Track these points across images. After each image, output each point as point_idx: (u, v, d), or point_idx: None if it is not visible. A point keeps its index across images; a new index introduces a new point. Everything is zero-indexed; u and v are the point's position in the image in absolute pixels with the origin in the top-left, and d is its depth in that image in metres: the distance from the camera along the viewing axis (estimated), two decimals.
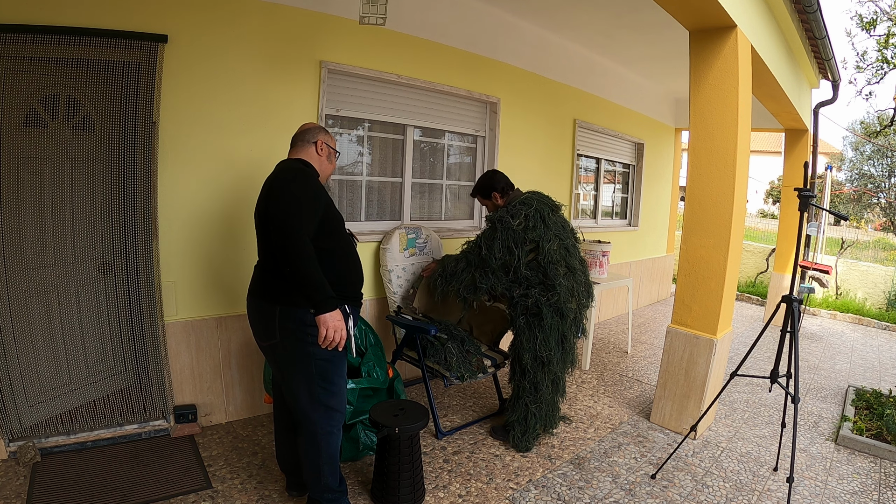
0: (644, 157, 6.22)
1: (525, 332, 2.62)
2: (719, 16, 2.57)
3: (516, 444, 2.70)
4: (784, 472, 2.61)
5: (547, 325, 2.57)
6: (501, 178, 2.84)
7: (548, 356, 2.60)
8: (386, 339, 3.32)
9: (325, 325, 1.71)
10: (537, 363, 2.62)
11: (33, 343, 2.41)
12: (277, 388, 2.10)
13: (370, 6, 2.52)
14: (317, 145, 1.98)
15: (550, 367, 2.63)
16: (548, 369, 2.63)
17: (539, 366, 2.62)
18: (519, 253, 2.57)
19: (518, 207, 2.64)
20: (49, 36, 2.11)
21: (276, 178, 1.82)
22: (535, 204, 2.65)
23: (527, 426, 2.68)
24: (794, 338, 2.28)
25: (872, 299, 7.02)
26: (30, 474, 2.18)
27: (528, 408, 2.67)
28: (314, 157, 1.98)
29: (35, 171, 2.35)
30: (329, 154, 2.04)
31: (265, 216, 1.80)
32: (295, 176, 1.81)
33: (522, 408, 2.68)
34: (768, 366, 3.60)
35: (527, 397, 2.67)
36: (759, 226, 14.25)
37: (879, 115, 11.52)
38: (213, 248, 2.69)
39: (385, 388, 2.63)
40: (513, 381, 2.75)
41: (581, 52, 4.73)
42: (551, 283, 2.55)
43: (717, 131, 2.77)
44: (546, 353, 2.60)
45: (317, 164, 1.97)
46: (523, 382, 2.67)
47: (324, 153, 2.00)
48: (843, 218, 2.46)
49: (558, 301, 2.55)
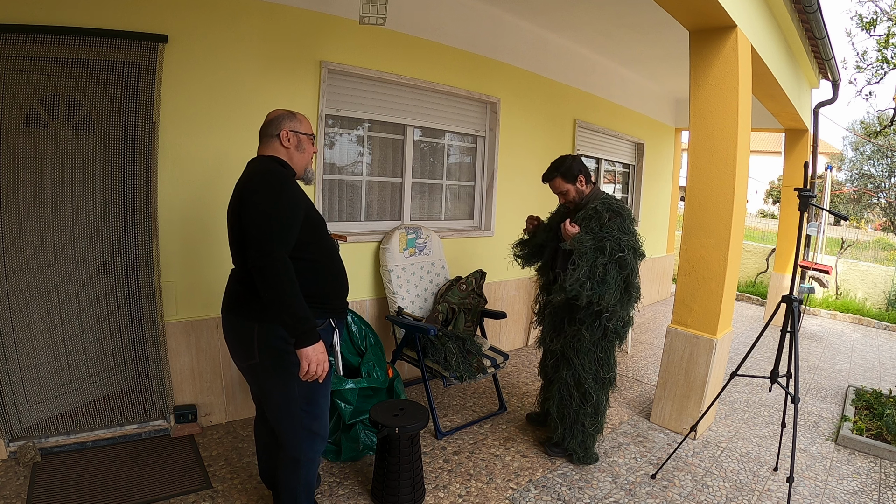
0: (644, 157, 6.22)
1: (588, 353, 2.38)
2: (719, 16, 2.57)
3: (580, 461, 2.57)
4: (784, 472, 2.61)
5: (611, 344, 2.39)
6: (580, 162, 2.49)
7: (611, 376, 2.44)
8: (386, 339, 3.32)
9: (308, 360, 1.57)
10: (598, 386, 2.44)
11: (33, 343, 2.41)
12: (259, 404, 1.97)
13: (370, 6, 2.52)
14: (281, 137, 1.74)
15: (612, 385, 2.49)
16: (609, 389, 2.49)
17: (600, 388, 2.45)
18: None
19: (620, 203, 2.37)
20: (49, 36, 2.11)
21: (244, 186, 1.64)
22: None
23: (587, 444, 2.54)
24: (794, 338, 2.28)
25: (872, 299, 7.02)
26: (30, 474, 2.18)
27: (587, 430, 2.50)
28: (282, 151, 1.76)
29: (35, 171, 2.35)
30: (299, 142, 1.78)
31: (238, 226, 1.64)
32: (265, 183, 1.61)
33: (580, 432, 2.51)
34: (768, 366, 3.59)
35: (587, 420, 2.48)
36: (759, 226, 14.25)
37: (879, 115, 11.52)
38: (214, 248, 2.69)
39: (385, 388, 2.63)
40: (564, 409, 2.50)
41: (581, 52, 4.73)
42: (633, 295, 2.30)
43: (717, 131, 2.77)
44: (609, 374, 2.43)
45: (287, 158, 1.76)
46: (584, 408, 2.45)
47: (292, 143, 1.76)
48: (843, 218, 2.46)
49: (629, 319, 2.36)
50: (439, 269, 3.51)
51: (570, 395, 2.48)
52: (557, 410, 2.54)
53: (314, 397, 1.76)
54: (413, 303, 3.28)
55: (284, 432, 1.76)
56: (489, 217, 4.13)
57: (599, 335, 2.35)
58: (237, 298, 1.73)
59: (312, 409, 1.76)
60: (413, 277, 3.34)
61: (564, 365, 2.48)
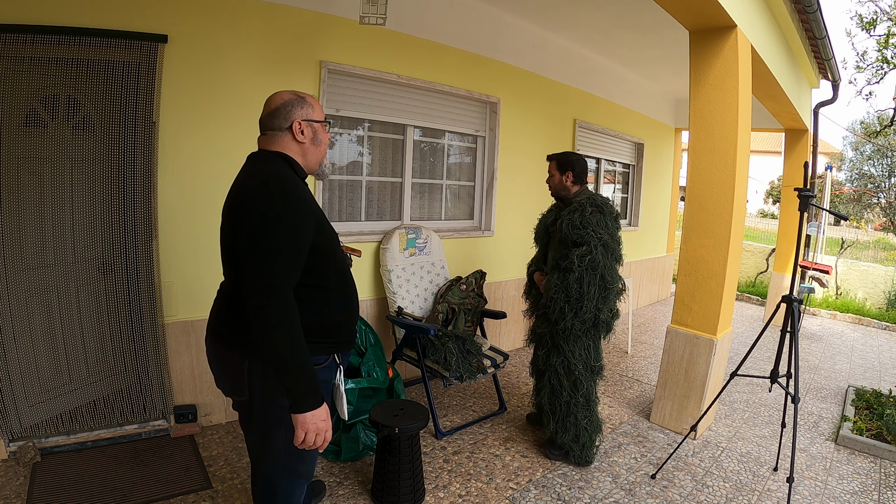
0: (644, 157, 6.22)
1: (579, 341, 2.44)
2: (719, 16, 2.57)
3: (579, 461, 2.57)
4: (784, 472, 2.61)
5: (598, 333, 2.45)
6: (582, 165, 2.56)
7: (599, 365, 2.50)
8: (386, 339, 3.32)
9: (305, 428, 1.28)
10: (588, 373, 2.48)
11: (33, 343, 2.41)
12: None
13: (370, 6, 2.52)
14: (294, 130, 1.41)
15: (600, 374, 2.53)
16: (597, 378, 2.52)
17: (590, 376, 2.49)
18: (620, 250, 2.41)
19: (605, 200, 2.46)
20: (49, 36, 2.11)
21: (243, 193, 1.31)
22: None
23: (582, 441, 2.53)
24: (794, 338, 2.28)
25: (872, 299, 7.02)
26: (30, 474, 2.18)
27: (580, 422, 2.50)
28: (294, 147, 1.43)
29: (35, 171, 2.35)
30: (314, 134, 1.45)
31: (232, 243, 1.33)
32: (268, 193, 1.28)
33: (573, 425, 2.51)
34: (768, 366, 3.60)
35: (579, 412, 2.49)
36: (759, 226, 14.26)
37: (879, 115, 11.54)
38: (213, 248, 2.65)
39: (385, 388, 2.63)
40: (555, 400, 2.53)
41: (581, 52, 4.73)
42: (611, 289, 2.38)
43: (717, 131, 2.77)
44: (598, 363, 2.49)
45: (300, 156, 1.44)
46: (575, 397, 2.48)
47: (307, 136, 1.43)
48: (843, 218, 2.46)
49: (612, 307, 2.42)
50: (439, 270, 3.51)
51: (560, 384, 2.50)
52: (549, 402, 2.56)
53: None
54: (413, 303, 3.28)
55: (264, 473, 1.50)
56: (489, 217, 4.13)
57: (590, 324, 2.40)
58: (225, 324, 1.42)
59: (304, 454, 1.46)
60: (413, 277, 3.34)
61: (554, 353, 2.51)
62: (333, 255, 1.45)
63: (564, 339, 2.45)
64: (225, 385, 1.49)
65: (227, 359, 1.42)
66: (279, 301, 1.24)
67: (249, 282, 1.26)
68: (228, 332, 1.41)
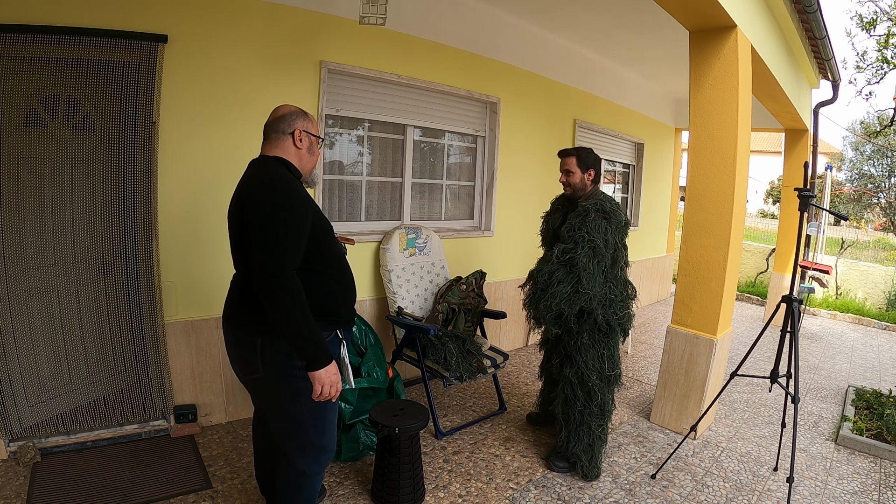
0: (644, 157, 6.23)
1: (590, 350, 2.37)
2: (719, 16, 2.57)
3: (586, 474, 2.46)
4: (784, 472, 2.61)
5: (613, 341, 2.39)
6: (600, 162, 2.52)
7: (616, 374, 2.42)
8: (386, 339, 3.32)
9: (321, 383, 1.51)
10: (603, 383, 2.40)
11: (33, 343, 2.41)
12: (258, 411, 1.90)
13: (370, 6, 2.52)
14: (294, 136, 1.62)
15: (617, 382, 2.45)
16: (614, 387, 2.45)
17: (605, 386, 2.41)
18: (626, 256, 2.38)
19: (614, 207, 2.38)
20: (49, 36, 2.11)
21: (249, 194, 1.51)
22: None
23: (594, 452, 2.45)
24: (794, 338, 2.28)
25: (872, 299, 7.03)
26: (30, 474, 2.18)
27: (594, 432, 2.43)
28: (292, 151, 1.63)
29: (35, 171, 2.35)
30: (310, 144, 1.67)
31: (241, 231, 1.52)
32: (272, 194, 1.48)
33: (586, 434, 2.43)
34: (768, 366, 3.59)
35: (593, 422, 2.42)
36: (759, 226, 14.25)
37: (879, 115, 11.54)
38: (214, 248, 2.69)
39: (385, 388, 2.63)
40: (569, 408, 2.45)
41: (581, 52, 4.73)
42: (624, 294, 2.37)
43: (717, 131, 2.77)
44: (614, 372, 2.41)
45: (296, 160, 1.64)
46: (590, 407, 2.40)
47: (304, 144, 1.64)
48: (843, 218, 2.46)
49: (626, 315, 2.38)
50: (439, 269, 3.51)
51: (574, 394, 2.43)
52: (562, 411, 2.49)
53: (322, 412, 1.67)
54: (413, 303, 3.28)
55: (292, 449, 1.67)
56: (489, 217, 4.13)
57: (586, 329, 2.35)
58: (240, 309, 1.62)
59: (320, 423, 1.67)
60: (413, 277, 3.34)
61: (567, 363, 2.45)
62: (330, 244, 1.66)
63: (576, 349, 2.40)
64: (239, 365, 1.67)
65: (241, 338, 1.62)
66: (288, 284, 1.44)
67: (260, 270, 1.44)
68: (240, 316, 1.61)
